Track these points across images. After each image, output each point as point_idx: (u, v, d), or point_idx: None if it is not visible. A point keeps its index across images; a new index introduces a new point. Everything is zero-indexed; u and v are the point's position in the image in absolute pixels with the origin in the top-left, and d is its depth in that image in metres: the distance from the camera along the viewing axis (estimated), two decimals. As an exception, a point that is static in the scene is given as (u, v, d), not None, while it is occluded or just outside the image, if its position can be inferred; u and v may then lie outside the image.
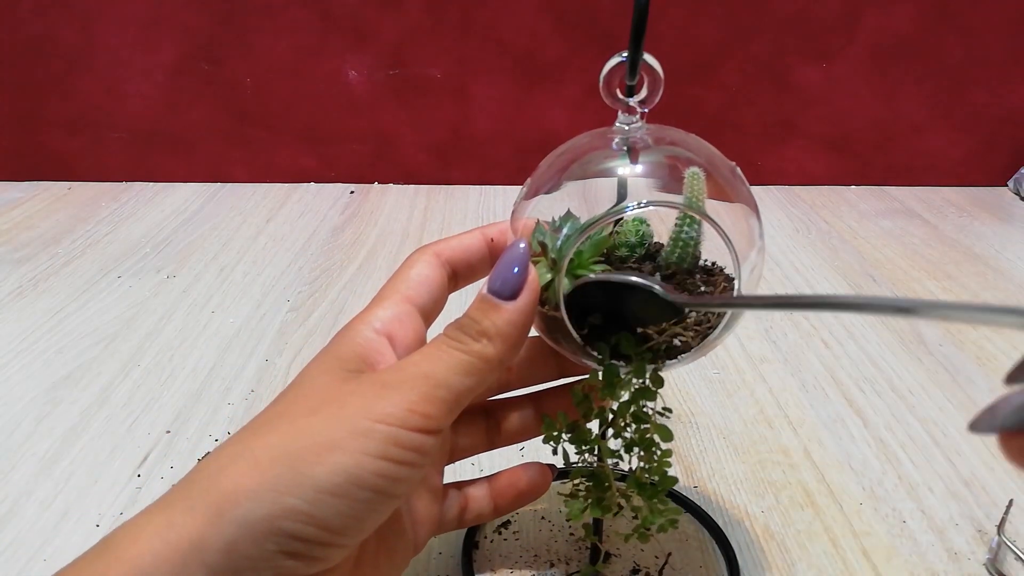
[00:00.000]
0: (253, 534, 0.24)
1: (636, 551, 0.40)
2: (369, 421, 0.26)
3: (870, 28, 0.88)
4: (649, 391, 0.32)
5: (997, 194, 0.93)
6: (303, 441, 0.26)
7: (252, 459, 0.25)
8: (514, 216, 0.34)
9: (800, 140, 0.94)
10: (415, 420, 0.26)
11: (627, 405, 0.32)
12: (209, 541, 0.24)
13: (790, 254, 0.77)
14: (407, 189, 0.95)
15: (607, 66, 0.31)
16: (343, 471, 0.25)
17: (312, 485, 0.25)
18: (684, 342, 0.32)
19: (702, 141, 0.34)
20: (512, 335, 0.29)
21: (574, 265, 0.31)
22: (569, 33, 0.88)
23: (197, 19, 0.88)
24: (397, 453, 0.26)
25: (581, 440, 0.34)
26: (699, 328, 0.32)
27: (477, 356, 0.28)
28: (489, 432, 0.37)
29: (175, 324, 0.63)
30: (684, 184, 0.31)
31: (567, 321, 0.31)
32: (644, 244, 0.34)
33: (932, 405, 0.53)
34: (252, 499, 0.24)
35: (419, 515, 0.33)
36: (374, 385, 0.27)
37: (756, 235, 0.33)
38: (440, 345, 0.29)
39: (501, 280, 0.29)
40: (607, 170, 0.33)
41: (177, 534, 0.24)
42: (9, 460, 0.47)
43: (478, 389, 0.29)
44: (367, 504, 0.26)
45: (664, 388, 0.32)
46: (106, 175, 0.96)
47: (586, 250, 0.31)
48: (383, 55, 0.90)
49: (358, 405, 0.27)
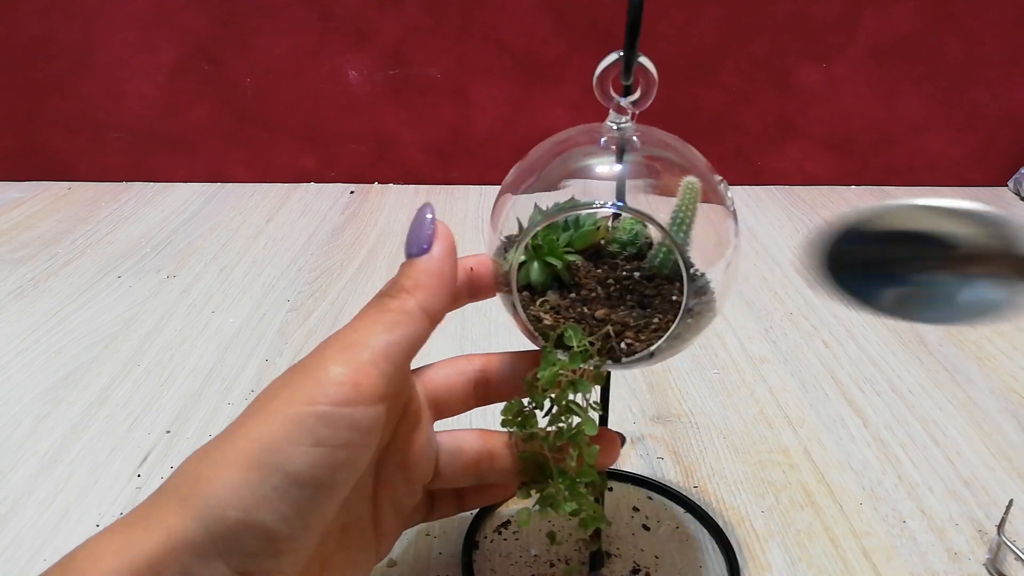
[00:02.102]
0: (203, 558, 0.23)
1: (636, 551, 0.40)
2: (298, 407, 0.25)
3: (870, 28, 0.88)
4: (582, 383, 0.32)
5: (997, 194, 0.93)
6: (240, 445, 0.24)
7: (196, 476, 0.24)
8: (497, 203, 0.34)
9: (800, 140, 0.94)
10: (345, 392, 0.25)
11: (563, 395, 0.32)
12: (164, 563, 0.23)
13: (790, 254, 0.77)
14: (407, 189, 0.95)
15: (601, 65, 0.31)
16: (279, 470, 0.24)
17: (250, 493, 0.24)
18: (630, 345, 0.32)
19: (688, 145, 0.34)
20: (430, 283, 0.29)
21: (544, 251, 0.32)
22: (569, 33, 0.88)
23: (197, 19, 0.88)
24: (331, 435, 0.25)
25: (525, 425, 0.33)
26: (649, 334, 0.32)
27: (397, 310, 0.28)
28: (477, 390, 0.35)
29: (175, 324, 0.63)
30: (679, 192, 0.31)
31: (516, 299, 0.32)
32: (636, 243, 0.34)
33: (932, 405, 0.53)
34: (197, 519, 0.23)
35: (384, 507, 0.32)
36: (299, 370, 0.26)
37: (732, 234, 0.34)
38: (361, 314, 0.28)
39: (413, 241, 0.30)
40: (589, 167, 0.33)
41: (134, 556, 0.23)
42: (9, 460, 0.47)
43: (407, 345, 0.28)
44: (309, 501, 0.24)
45: (664, 388, 0.32)
46: (106, 175, 0.96)
47: (574, 240, 0.32)
48: (383, 55, 0.90)
49: (287, 394, 0.25)
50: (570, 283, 0.33)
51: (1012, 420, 0.51)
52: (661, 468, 0.47)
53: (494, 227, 0.34)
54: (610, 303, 0.32)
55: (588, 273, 0.33)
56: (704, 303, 0.32)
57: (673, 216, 0.32)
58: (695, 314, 0.32)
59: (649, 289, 0.32)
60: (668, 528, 0.42)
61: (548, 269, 0.33)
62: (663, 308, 0.32)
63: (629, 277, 0.33)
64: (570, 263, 0.33)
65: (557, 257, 0.33)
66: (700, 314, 0.32)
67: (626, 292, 0.32)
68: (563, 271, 0.33)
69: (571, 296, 0.33)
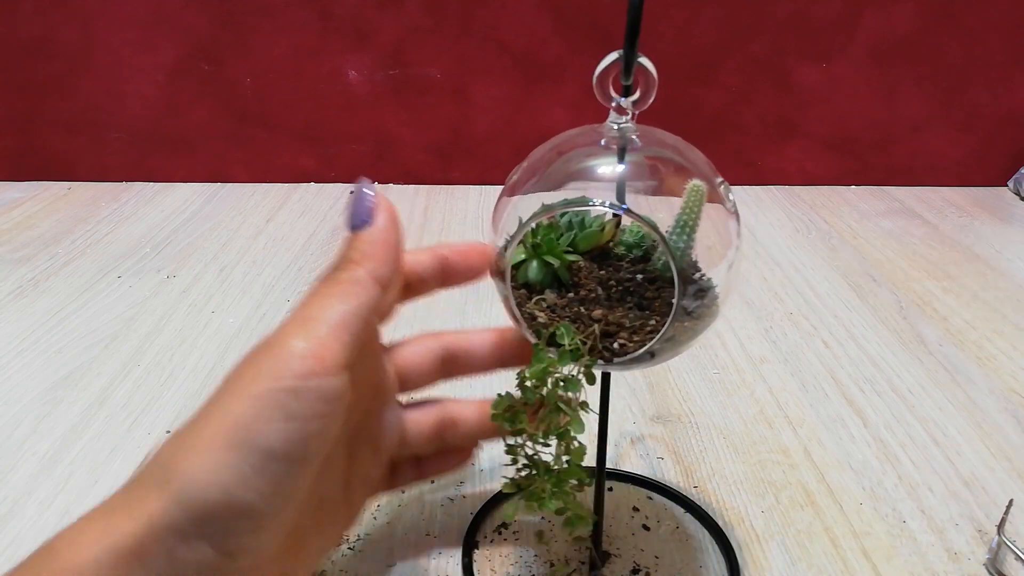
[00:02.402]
0: (186, 540, 0.24)
1: (636, 551, 0.40)
2: (266, 384, 0.25)
3: (870, 28, 0.88)
4: (572, 381, 0.32)
5: (997, 194, 0.93)
6: (214, 427, 0.25)
7: (173, 460, 0.25)
8: (498, 204, 0.34)
9: (800, 140, 0.94)
10: (308, 365, 0.26)
11: (552, 393, 0.32)
12: (148, 547, 0.23)
13: (790, 254, 0.77)
14: (407, 189, 0.95)
15: (600, 65, 0.31)
16: (254, 448, 0.24)
17: (229, 473, 0.24)
18: (622, 345, 0.32)
19: (689, 145, 0.34)
20: (377, 253, 0.30)
21: (542, 250, 0.32)
22: (569, 33, 0.88)
23: (197, 19, 0.88)
24: (300, 408, 0.25)
25: (512, 421, 0.33)
26: (644, 335, 0.32)
27: (348, 281, 0.29)
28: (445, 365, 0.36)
29: (175, 324, 0.63)
30: (684, 195, 0.31)
31: (510, 295, 0.32)
32: (642, 246, 0.34)
33: (932, 405, 0.53)
34: (178, 503, 0.24)
35: (355, 481, 0.32)
36: (262, 348, 0.27)
37: (734, 235, 0.34)
38: (315, 289, 0.29)
39: (355, 214, 0.31)
40: (590, 168, 0.33)
41: (116, 541, 0.23)
42: (9, 460, 0.47)
43: (362, 313, 0.28)
44: (286, 475, 0.25)
45: (664, 388, 0.32)
46: (106, 175, 0.96)
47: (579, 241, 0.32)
48: (383, 55, 0.90)
49: (253, 373, 0.26)
50: (569, 283, 0.33)
51: (1012, 420, 0.51)
52: (661, 468, 0.47)
53: (495, 229, 0.34)
54: (609, 304, 0.32)
55: (590, 274, 0.33)
56: (704, 306, 0.32)
57: (677, 219, 0.32)
58: (695, 317, 0.32)
59: (650, 291, 0.32)
60: (668, 528, 0.42)
61: (546, 268, 0.33)
62: (662, 311, 0.32)
63: (631, 279, 0.33)
64: (570, 263, 0.33)
65: (556, 256, 0.33)
66: (700, 317, 0.32)
67: (627, 294, 0.32)
68: (561, 270, 0.33)
69: (569, 296, 0.33)
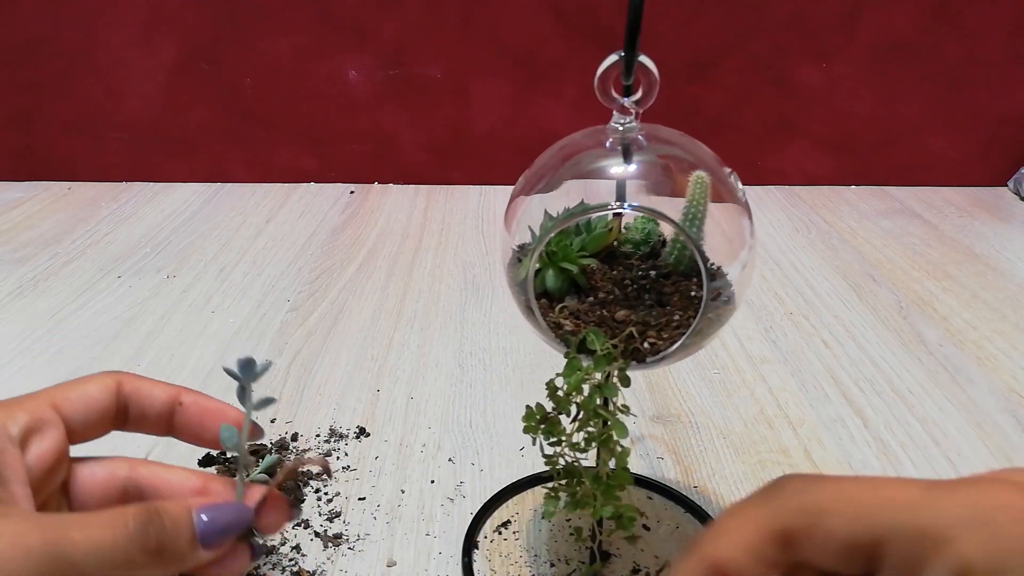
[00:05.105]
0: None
1: (636, 551, 0.40)
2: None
3: (870, 28, 0.88)
4: (609, 386, 0.32)
5: (997, 194, 0.93)
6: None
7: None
8: (509, 209, 0.34)
9: (800, 140, 0.94)
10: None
11: (590, 400, 0.32)
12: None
13: (790, 254, 0.77)
14: (407, 189, 0.95)
15: (602, 66, 0.31)
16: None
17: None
18: (653, 344, 0.32)
19: (695, 141, 0.34)
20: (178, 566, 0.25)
21: (558, 257, 0.32)
22: (569, 33, 0.88)
23: (197, 19, 0.88)
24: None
25: (551, 432, 0.33)
26: (671, 331, 0.32)
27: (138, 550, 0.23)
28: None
29: (175, 324, 0.63)
30: (688, 187, 0.31)
31: (535, 308, 0.32)
32: (649, 242, 0.34)
33: (932, 405, 0.53)
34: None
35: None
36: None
37: (747, 234, 0.33)
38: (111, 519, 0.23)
39: (215, 532, 0.26)
40: (599, 169, 0.33)
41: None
42: (9, 460, 0.47)
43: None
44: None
45: (664, 388, 0.32)
46: (106, 175, 0.96)
47: (587, 244, 0.32)
48: (383, 55, 0.90)
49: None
50: (587, 287, 0.33)
51: (1012, 420, 0.51)
52: (661, 468, 0.47)
53: (508, 230, 0.34)
54: (628, 304, 0.32)
55: (604, 276, 0.33)
56: (724, 297, 0.32)
57: (685, 211, 0.32)
58: (716, 308, 0.32)
59: (667, 287, 0.32)
60: (668, 528, 0.42)
61: (564, 275, 0.33)
62: (683, 304, 0.32)
63: (645, 276, 0.33)
64: (585, 267, 0.33)
65: (572, 262, 0.32)
66: (721, 308, 0.32)
67: (644, 291, 0.32)
68: (579, 276, 0.33)
69: (589, 300, 0.33)
